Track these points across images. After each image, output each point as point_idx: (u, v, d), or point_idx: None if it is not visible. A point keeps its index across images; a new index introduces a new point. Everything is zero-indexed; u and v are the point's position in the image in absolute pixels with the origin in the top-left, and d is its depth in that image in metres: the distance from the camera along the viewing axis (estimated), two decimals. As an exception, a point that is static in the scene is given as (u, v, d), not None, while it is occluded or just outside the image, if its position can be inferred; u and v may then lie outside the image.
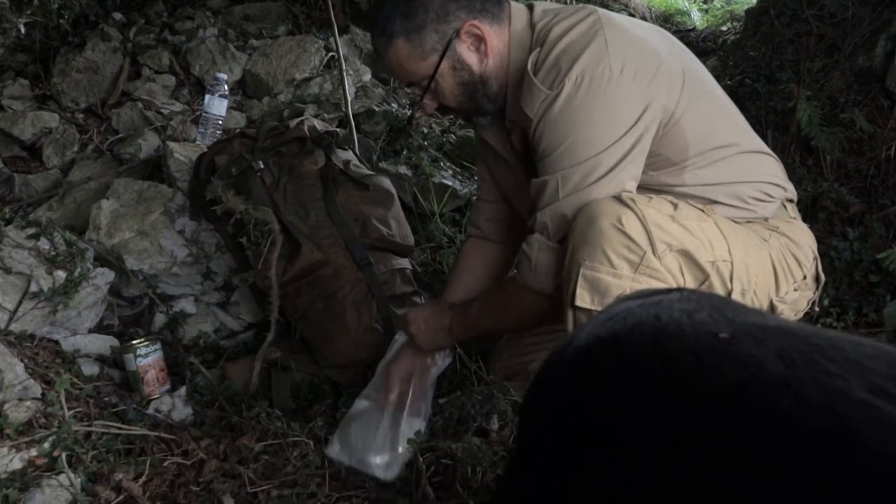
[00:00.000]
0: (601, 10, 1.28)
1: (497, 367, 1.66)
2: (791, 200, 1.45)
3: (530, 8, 1.34)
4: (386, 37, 1.30)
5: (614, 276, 1.14)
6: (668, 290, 0.66)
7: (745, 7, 4.06)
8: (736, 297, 1.24)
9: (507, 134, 1.43)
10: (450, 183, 2.46)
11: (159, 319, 1.89)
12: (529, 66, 1.24)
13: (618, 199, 1.17)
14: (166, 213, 1.92)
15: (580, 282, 1.15)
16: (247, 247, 1.72)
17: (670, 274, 1.16)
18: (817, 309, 1.58)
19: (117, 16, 3.23)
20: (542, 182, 1.26)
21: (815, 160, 2.57)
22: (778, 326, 0.54)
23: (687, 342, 0.54)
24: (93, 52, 2.85)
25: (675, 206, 1.21)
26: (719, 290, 1.23)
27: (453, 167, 2.60)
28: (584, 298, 1.15)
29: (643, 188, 1.28)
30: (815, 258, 1.41)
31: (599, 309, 1.13)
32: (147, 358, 1.61)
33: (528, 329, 1.51)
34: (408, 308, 1.79)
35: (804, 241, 1.40)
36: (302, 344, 1.79)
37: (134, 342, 1.63)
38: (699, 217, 1.23)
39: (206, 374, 1.68)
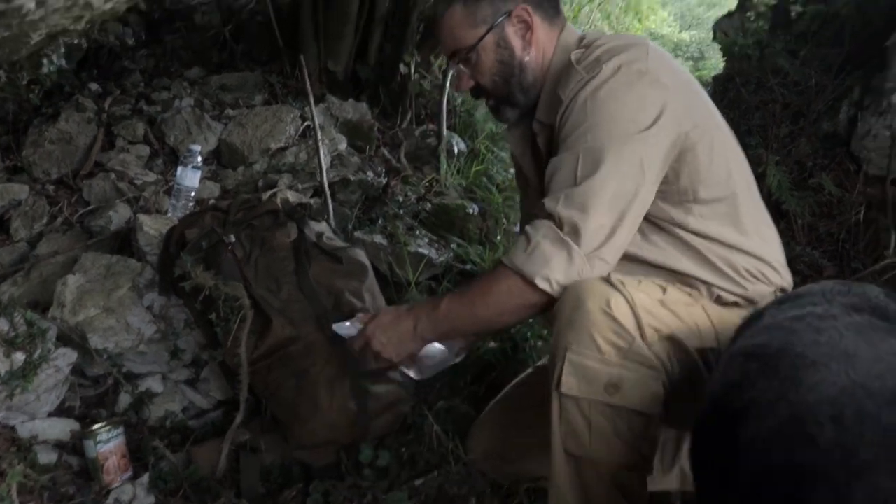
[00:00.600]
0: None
1: (475, 445, 1.61)
2: (784, 290, 1.43)
3: (583, 34, 1.41)
4: (447, 1, 1.37)
5: (601, 363, 1.11)
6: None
7: (713, 74, 4.17)
8: None
9: (531, 138, 1.44)
10: (425, 252, 2.44)
11: (124, 400, 1.82)
12: (573, 58, 1.29)
13: (606, 280, 1.16)
14: (134, 288, 1.88)
15: (566, 367, 1.12)
16: (216, 323, 1.67)
17: (659, 360, 1.13)
18: None
19: (93, 86, 3.24)
20: (558, 161, 1.24)
21: (787, 224, 2.59)
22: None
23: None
24: (66, 123, 2.83)
25: (664, 289, 1.20)
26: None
27: (429, 235, 2.59)
28: (570, 385, 1.11)
29: (648, 217, 1.27)
30: None
31: (587, 397, 1.10)
32: (108, 444, 1.54)
33: (505, 325, 1.40)
34: (384, 385, 1.74)
35: None
36: (272, 424, 1.73)
37: (95, 427, 1.56)
38: (687, 302, 1.21)
39: (170, 458, 1.61)
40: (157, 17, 4.17)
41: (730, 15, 4.19)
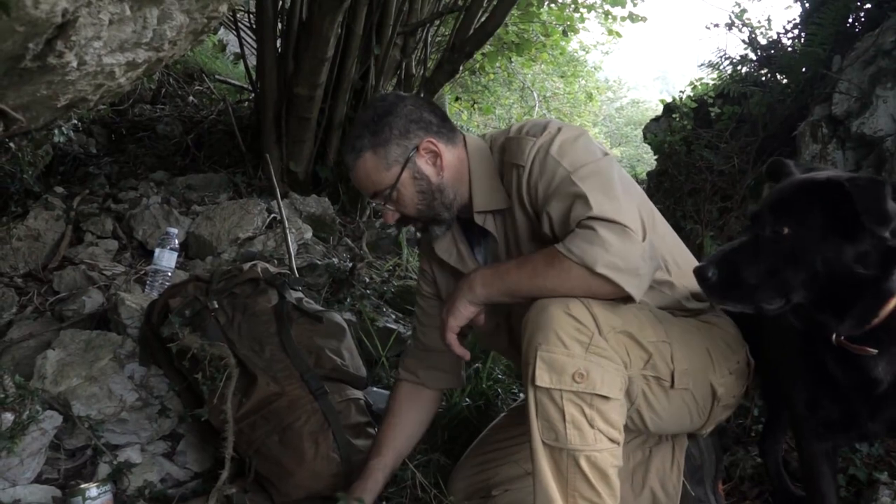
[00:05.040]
0: None
1: (457, 487, 1.67)
2: None
3: (482, 136, 1.60)
4: (356, 152, 1.50)
5: (568, 356, 1.24)
6: None
7: (647, 171, 4.56)
8: (679, 376, 1.36)
9: (460, 239, 1.60)
10: (394, 327, 2.54)
11: (103, 470, 1.81)
12: (513, 133, 1.49)
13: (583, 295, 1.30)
14: (116, 359, 1.92)
15: (538, 363, 1.25)
16: (202, 382, 1.72)
17: (617, 353, 1.27)
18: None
19: (59, 189, 3.33)
20: (564, 203, 1.34)
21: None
22: None
23: None
24: (35, 220, 2.90)
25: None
26: (663, 369, 1.34)
27: (396, 313, 2.70)
28: (542, 378, 1.25)
29: None
30: (744, 346, 1.56)
31: (557, 387, 1.23)
32: (97, 500, 1.54)
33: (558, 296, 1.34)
34: (364, 439, 1.80)
35: (732, 330, 1.55)
36: (256, 484, 1.75)
37: (83, 485, 1.57)
38: (637, 305, 1.37)
39: (156, 517, 1.61)
40: (121, 128, 4.35)
41: (657, 119, 4.64)
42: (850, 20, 3.33)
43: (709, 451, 1.65)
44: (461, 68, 3.95)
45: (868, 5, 3.35)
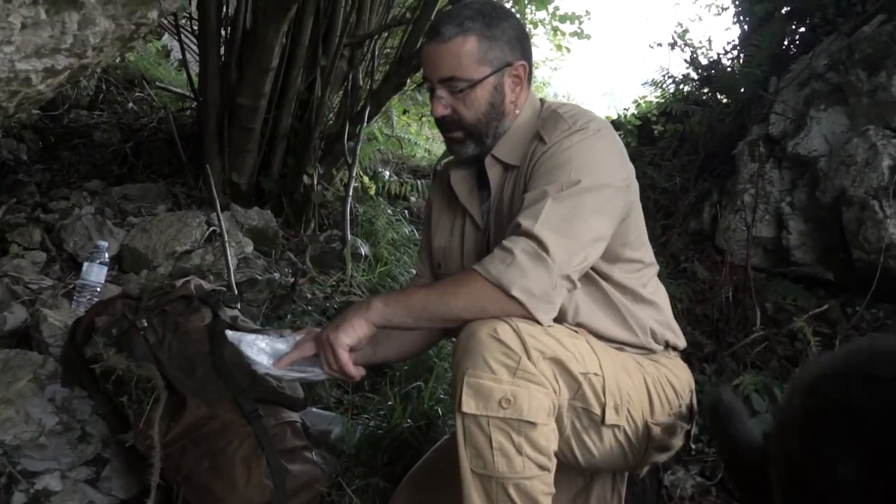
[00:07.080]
0: None
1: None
2: (676, 349, 1.61)
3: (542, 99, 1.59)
4: (462, 28, 1.42)
5: (495, 381, 1.21)
6: None
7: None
8: (609, 411, 1.34)
9: (475, 177, 1.58)
10: (335, 344, 2.48)
11: (18, 499, 1.70)
12: (557, 109, 1.47)
13: (495, 317, 1.28)
14: (36, 380, 1.81)
15: (465, 388, 1.22)
16: (127, 405, 1.64)
17: (545, 378, 1.25)
18: (693, 446, 1.69)
19: (-17, 198, 3.18)
20: (540, 191, 1.34)
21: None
22: None
23: None
24: (-44, 231, 2.75)
25: (549, 325, 1.33)
26: (592, 402, 1.32)
27: (338, 330, 2.64)
28: (469, 405, 1.22)
29: None
30: (692, 391, 1.55)
31: (484, 414, 1.21)
32: (7, 534, 1.45)
33: (463, 320, 1.31)
34: (300, 464, 1.74)
35: (682, 375, 1.54)
36: (184, 511, 1.67)
37: (-8, 518, 1.47)
38: (571, 334, 1.35)
39: (74, 551, 1.51)
40: (54, 134, 4.19)
41: (602, 135, 4.70)
42: (786, 43, 3.43)
43: (650, 474, 1.65)
44: (408, 81, 3.92)
45: (802, 29, 3.46)
